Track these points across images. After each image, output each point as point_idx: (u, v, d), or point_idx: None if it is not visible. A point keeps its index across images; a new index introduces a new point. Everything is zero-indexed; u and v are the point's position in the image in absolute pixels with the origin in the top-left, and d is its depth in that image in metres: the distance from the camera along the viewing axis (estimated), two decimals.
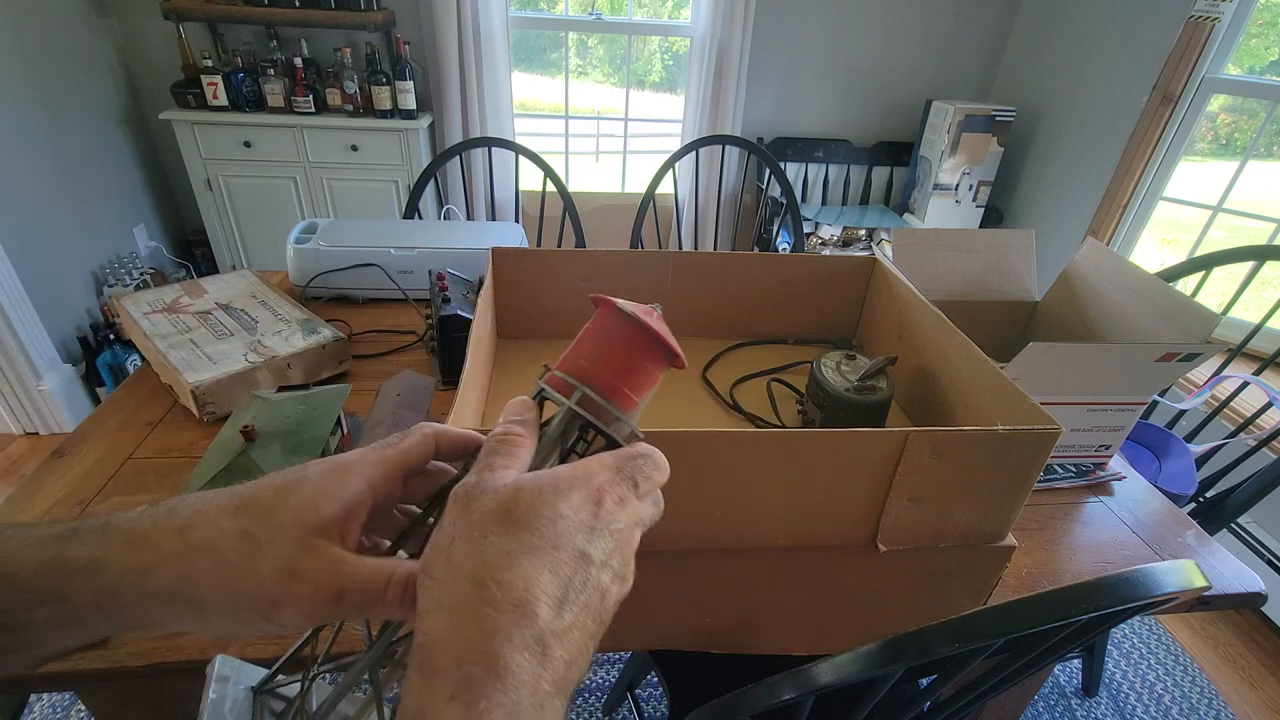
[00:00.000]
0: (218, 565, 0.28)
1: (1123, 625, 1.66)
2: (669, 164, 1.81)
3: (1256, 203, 2.00)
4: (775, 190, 2.69)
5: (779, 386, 0.94)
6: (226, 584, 0.28)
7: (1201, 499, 1.31)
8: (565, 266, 0.95)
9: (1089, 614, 0.48)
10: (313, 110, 2.35)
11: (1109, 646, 1.58)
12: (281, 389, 0.81)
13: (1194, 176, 2.16)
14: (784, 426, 0.87)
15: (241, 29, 2.42)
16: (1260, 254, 1.29)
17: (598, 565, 0.28)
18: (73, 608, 0.27)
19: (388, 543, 0.34)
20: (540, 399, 0.34)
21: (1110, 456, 0.94)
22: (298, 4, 2.27)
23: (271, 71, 2.30)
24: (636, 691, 1.25)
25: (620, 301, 0.33)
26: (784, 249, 2.43)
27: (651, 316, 0.33)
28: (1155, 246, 2.28)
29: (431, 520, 0.34)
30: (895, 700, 0.90)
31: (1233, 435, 1.37)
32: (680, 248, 2.20)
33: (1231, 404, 1.42)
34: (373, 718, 0.32)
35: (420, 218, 1.77)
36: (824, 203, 2.86)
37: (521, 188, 1.92)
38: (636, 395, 0.34)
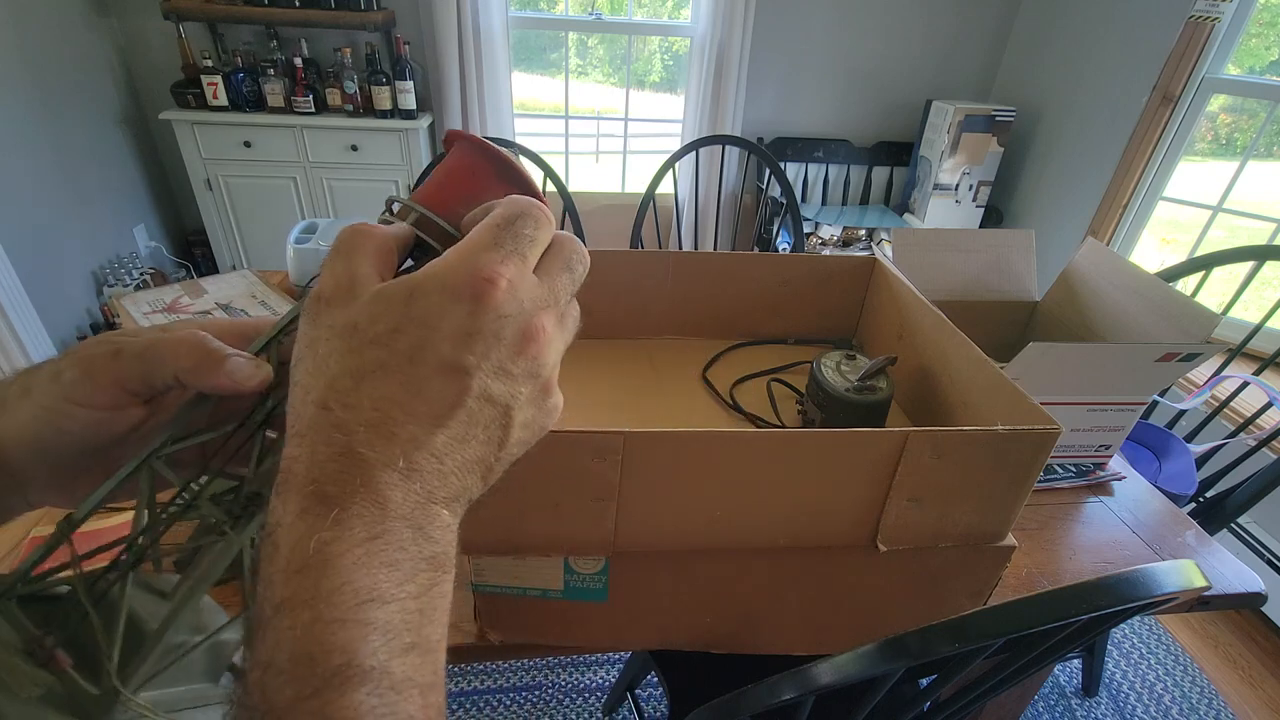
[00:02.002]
0: (18, 380, 0.29)
1: (1123, 625, 1.66)
2: (669, 164, 1.81)
3: (1256, 203, 2.00)
4: (775, 190, 2.69)
5: (779, 386, 0.94)
6: (25, 382, 0.28)
7: (1201, 499, 1.31)
8: None
9: (1089, 614, 0.48)
10: (313, 110, 2.35)
11: (1109, 646, 1.58)
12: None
13: (1194, 176, 2.16)
14: (784, 426, 0.87)
15: (241, 29, 2.42)
16: (1260, 254, 1.29)
17: (481, 374, 0.24)
18: None
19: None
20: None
21: (1110, 456, 0.94)
22: (298, 4, 2.27)
23: (271, 71, 2.30)
24: (636, 691, 1.25)
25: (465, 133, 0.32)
26: (784, 249, 2.43)
27: (498, 148, 0.31)
28: (1155, 246, 2.28)
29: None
30: (895, 700, 0.90)
31: (1233, 435, 1.37)
32: (680, 248, 2.20)
33: (1231, 404, 1.42)
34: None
35: None
36: (824, 203, 2.86)
37: None
38: (460, 204, 0.31)
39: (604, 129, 3.04)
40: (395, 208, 0.31)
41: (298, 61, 2.32)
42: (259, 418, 0.30)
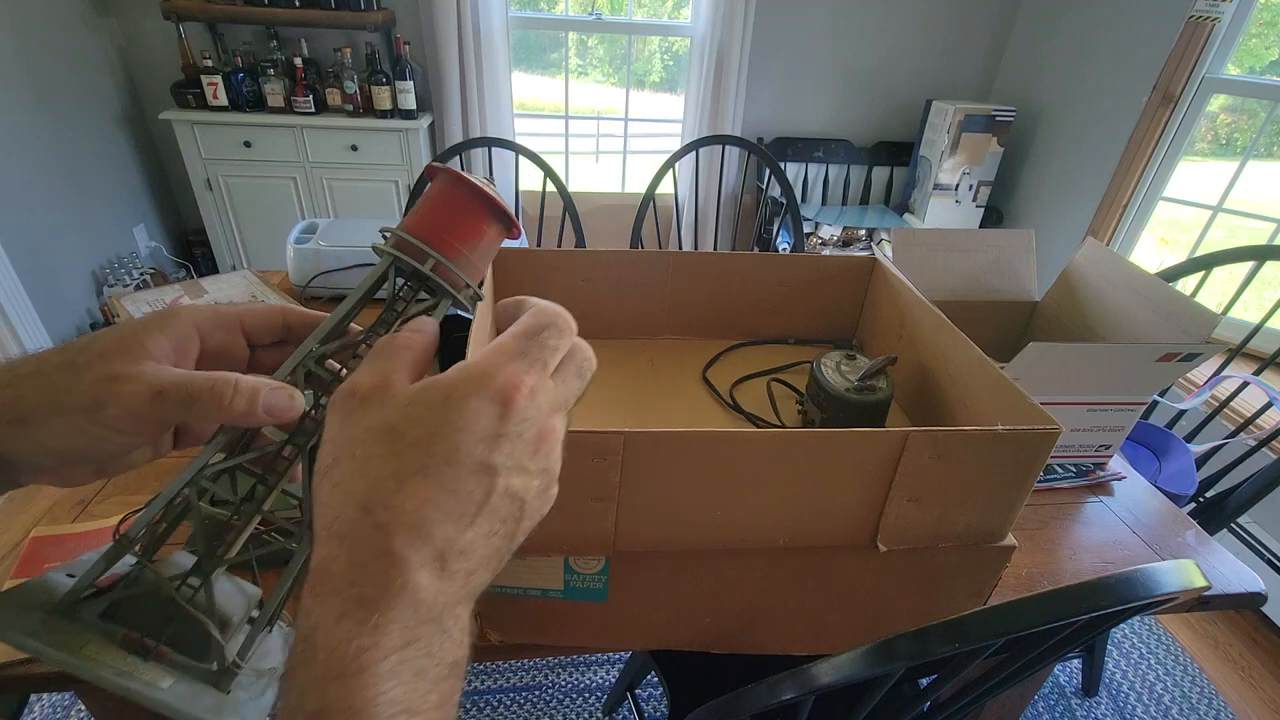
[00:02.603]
0: (41, 384, 0.29)
1: (1123, 625, 1.66)
2: (669, 164, 1.81)
3: (1256, 203, 2.00)
4: (775, 190, 2.69)
5: (779, 386, 0.94)
6: (50, 397, 0.28)
7: (1201, 499, 1.31)
8: (565, 266, 0.95)
9: (1089, 614, 0.48)
10: (313, 110, 2.35)
11: (1109, 646, 1.58)
12: None
13: (1194, 176, 2.16)
14: (784, 426, 0.87)
15: (241, 29, 2.42)
16: (1260, 254, 1.29)
17: (506, 472, 0.26)
18: None
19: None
20: (384, 274, 0.35)
21: (1110, 456, 0.94)
22: (298, 4, 2.27)
23: (271, 71, 2.30)
24: (636, 691, 1.25)
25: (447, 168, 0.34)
26: (784, 249, 2.43)
27: (475, 179, 0.34)
28: (1155, 246, 2.28)
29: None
30: (895, 700, 0.90)
31: (1233, 435, 1.37)
32: (680, 248, 2.20)
33: (1231, 404, 1.42)
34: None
35: None
36: (824, 203, 2.86)
37: (521, 188, 1.92)
38: (459, 243, 0.34)
39: (604, 129, 3.04)
40: (393, 241, 0.33)
41: (298, 61, 2.32)
42: (301, 441, 0.33)
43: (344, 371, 0.35)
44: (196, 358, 0.33)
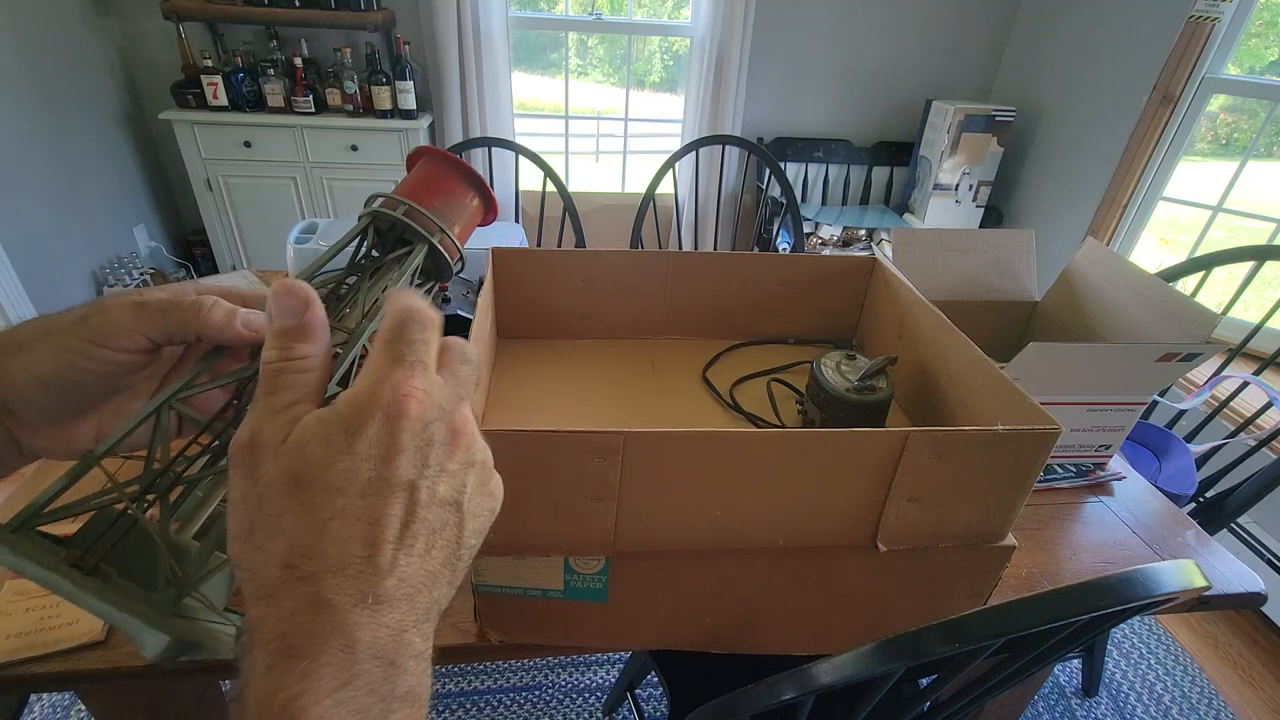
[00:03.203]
0: (36, 321, 0.30)
1: (1123, 625, 1.66)
2: (669, 164, 1.81)
3: (1256, 203, 2.00)
4: (775, 190, 2.69)
5: (779, 386, 0.94)
6: (41, 325, 0.30)
7: (1201, 499, 1.31)
8: (565, 266, 0.95)
9: (1089, 614, 0.48)
10: (313, 110, 2.35)
11: (1109, 646, 1.58)
12: None
13: (1194, 176, 2.16)
14: (784, 426, 0.87)
15: (241, 29, 2.42)
16: (1260, 254, 1.29)
17: (426, 483, 0.25)
18: None
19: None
20: (364, 229, 0.37)
21: (1110, 456, 0.94)
22: (298, 4, 2.27)
23: (271, 71, 2.30)
24: (636, 691, 1.25)
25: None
26: (784, 249, 2.43)
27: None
28: (1155, 246, 2.28)
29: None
30: (895, 700, 0.90)
31: (1233, 435, 1.37)
32: (680, 248, 2.20)
33: (1231, 404, 1.42)
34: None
35: None
36: (824, 203, 2.86)
37: (521, 188, 1.92)
38: (431, 196, 0.38)
39: (604, 129, 3.04)
40: (378, 203, 0.36)
41: (298, 61, 2.32)
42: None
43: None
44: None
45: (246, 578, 0.24)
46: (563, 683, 1.45)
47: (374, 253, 0.37)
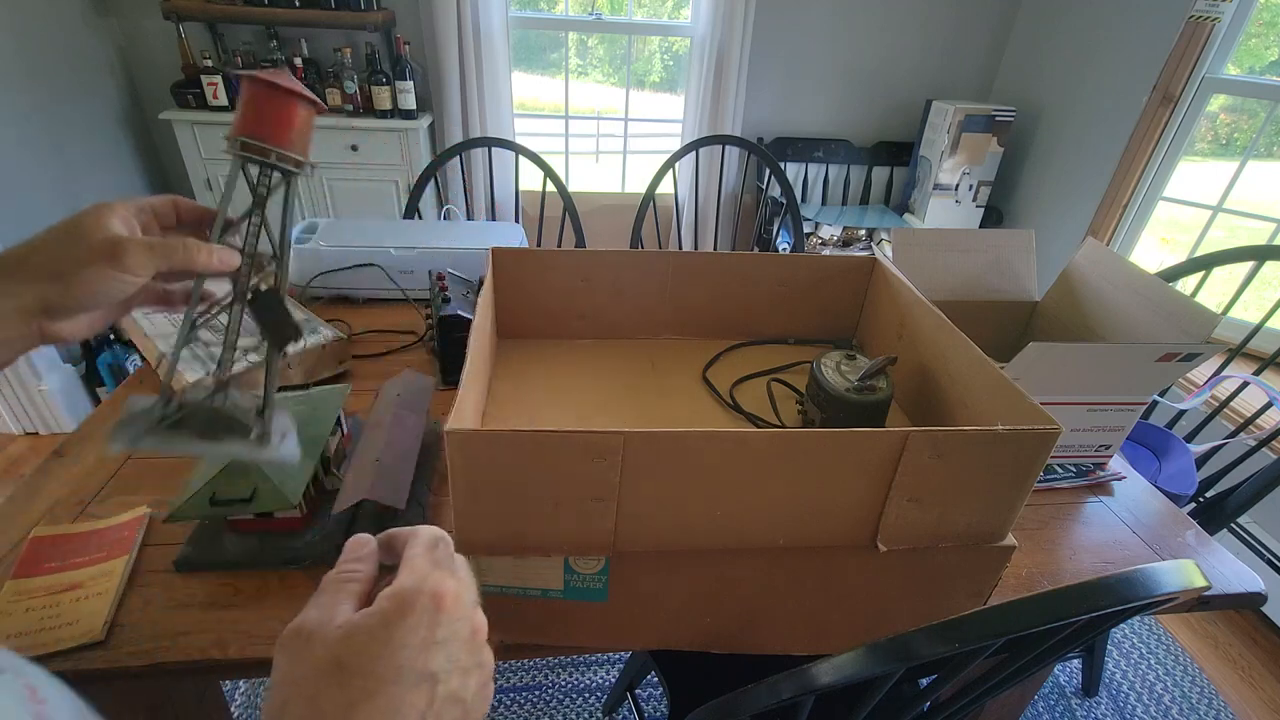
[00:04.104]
0: (56, 248, 0.43)
1: (1123, 625, 1.66)
2: (669, 164, 1.81)
3: (1256, 203, 2.00)
4: (775, 190, 2.69)
5: (779, 386, 0.94)
6: (69, 254, 0.43)
7: (1201, 499, 1.31)
8: (565, 266, 0.95)
9: (1089, 614, 0.48)
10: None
11: (1109, 646, 1.58)
12: (281, 389, 0.81)
13: (1194, 176, 2.16)
14: (784, 426, 0.87)
15: (241, 29, 2.42)
16: (1260, 254, 1.29)
17: (446, 676, 0.28)
18: None
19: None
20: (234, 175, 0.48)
21: (1110, 456, 0.94)
22: (298, 4, 2.27)
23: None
24: (636, 691, 1.25)
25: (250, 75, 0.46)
26: (784, 249, 2.43)
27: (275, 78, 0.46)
28: (1155, 246, 2.28)
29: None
30: (895, 700, 0.90)
31: (1233, 435, 1.37)
32: (680, 248, 2.20)
33: (1231, 404, 1.42)
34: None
35: (420, 218, 1.77)
36: (824, 203, 2.86)
37: (521, 188, 1.92)
38: (287, 132, 0.48)
39: (604, 129, 3.04)
40: (226, 146, 0.47)
41: (298, 61, 2.32)
42: (241, 288, 0.51)
43: (247, 243, 0.50)
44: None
45: None
46: (563, 683, 1.45)
47: (257, 188, 0.50)
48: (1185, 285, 1.46)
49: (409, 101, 2.38)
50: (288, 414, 0.53)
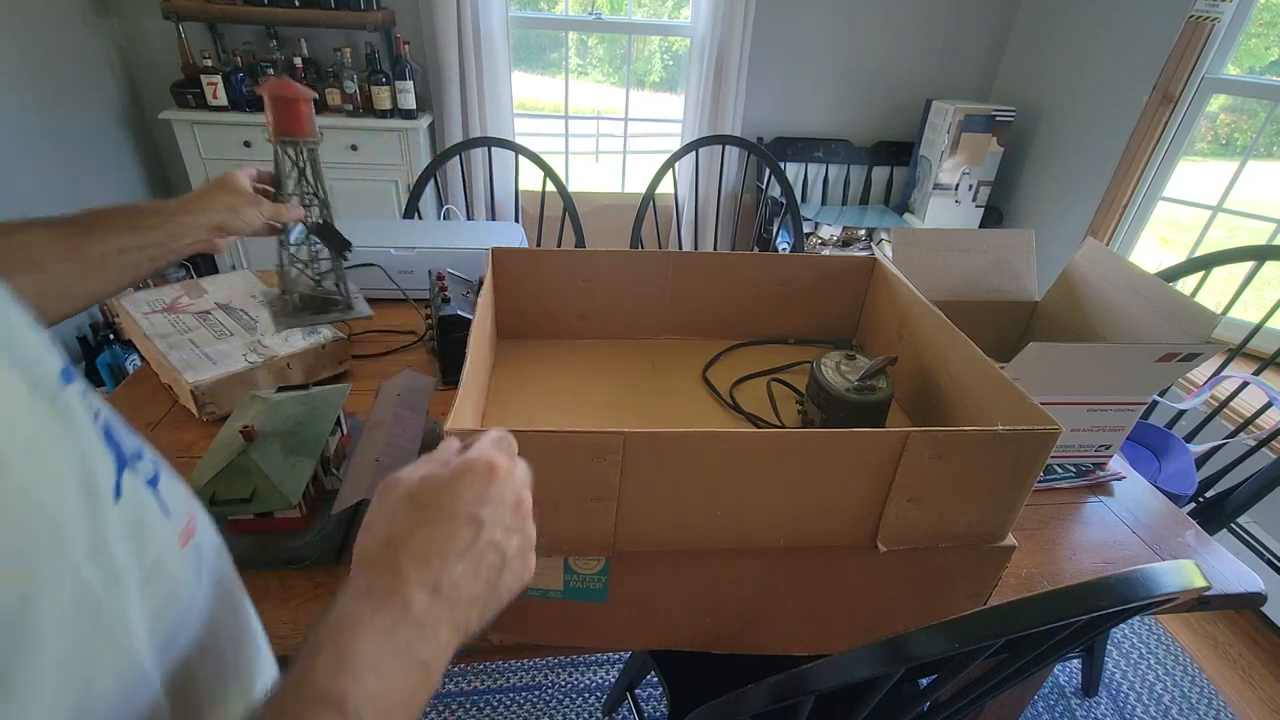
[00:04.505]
0: (193, 197, 0.72)
1: (1123, 625, 1.66)
2: (669, 164, 1.81)
3: (1256, 203, 2.00)
4: (775, 190, 2.69)
5: (779, 386, 0.94)
6: (204, 196, 0.73)
7: (1201, 499, 1.31)
8: (565, 267, 0.95)
9: (1089, 614, 0.48)
10: (312, 110, 2.34)
11: (1109, 646, 1.58)
12: (281, 389, 0.81)
13: (1194, 176, 2.16)
14: (784, 426, 0.87)
15: (241, 29, 2.42)
16: (1260, 254, 1.29)
17: (490, 525, 0.36)
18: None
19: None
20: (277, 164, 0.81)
21: (1110, 456, 0.94)
22: (298, 4, 2.26)
23: (271, 71, 2.30)
24: (636, 691, 1.25)
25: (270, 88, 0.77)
26: (784, 249, 2.43)
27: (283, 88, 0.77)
28: (1155, 246, 2.28)
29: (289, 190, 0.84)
30: (895, 700, 0.90)
31: (1233, 435, 1.37)
32: (680, 248, 2.20)
33: (1231, 404, 1.42)
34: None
35: (420, 218, 1.77)
36: (824, 203, 2.86)
37: (521, 188, 1.92)
38: (306, 125, 0.80)
39: (604, 129, 3.04)
40: (275, 149, 0.80)
41: (298, 61, 2.32)
42: (309, 221, 0.89)
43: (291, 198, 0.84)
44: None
45: (359, 553, 0.35)
46: (563, 683, 1.45)
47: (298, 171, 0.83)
48: (1185, 285, 1.46)
49: (409, 101, 2.38)
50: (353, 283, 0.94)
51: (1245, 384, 1.30)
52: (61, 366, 0.27)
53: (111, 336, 2.16)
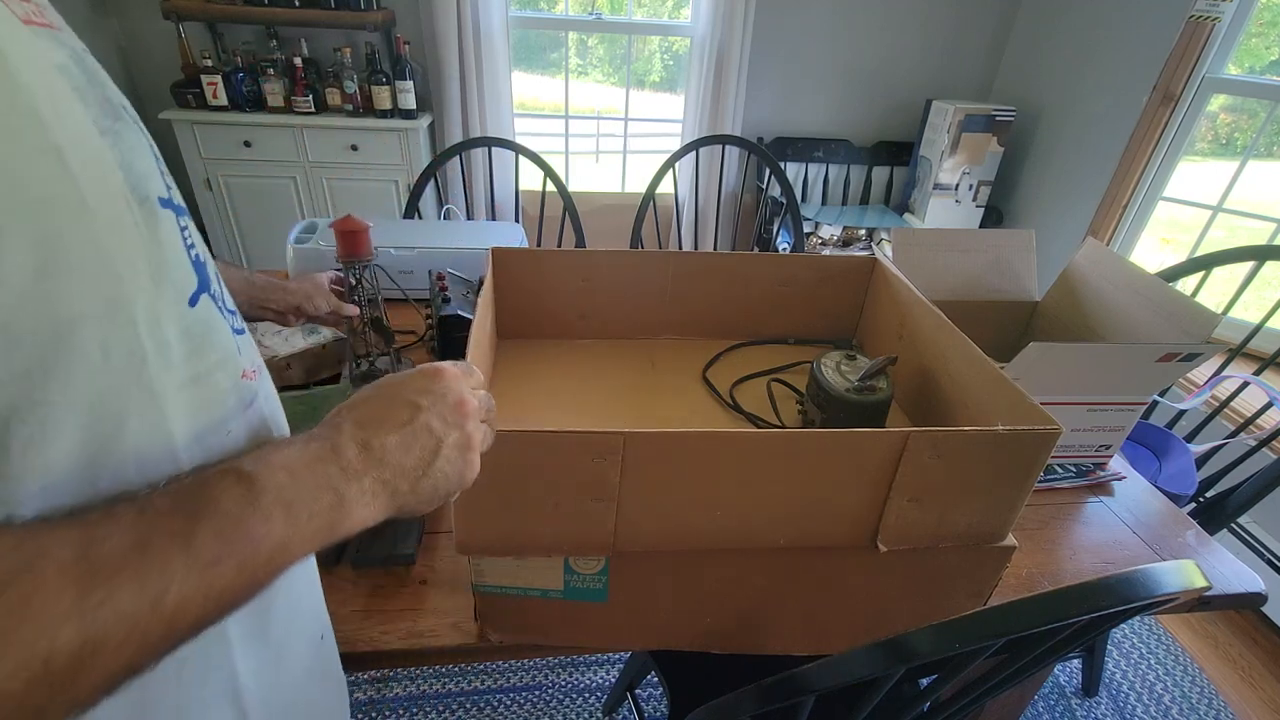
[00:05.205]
0: (268, 284, 0.90)
1: (1123, 625, 1.66)
2: (669, 164, 1.81)
3: (1256, 203, 2.00)
4: (775, 190, 2.69)
5: (779, 386, 0.94)
6: (279, 287, 0.90)
7: (1201, 499, 1.31)
8: (565, 267, 0.95)
9: (1089, 614, 0.48)
10: (313, 110, 2.34)
11: (1109, 646, 1.58)
12: (281, 389, 0.81)
13: (1194, 176, 2.16)
14: (784, 426, 0.87)
15: (241, 29, 2.42)
16: (1260, 254, 1.29)
17: (427, 412, 0.41)
18: None
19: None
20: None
21: (1110, 456, 0.94)
22: (298, 4, 2.26)
23: (271, 71, 2.30)
24: (636, 691, 1.25)
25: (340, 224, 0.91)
26: (784, 249, 2.43)
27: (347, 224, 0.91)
28: (1155, 246, 2.28)
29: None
30: (895, 700, 0.90)
31: (1233, 435, 1.37)
32: (680, 248, 2.20)
33: (1231, 404, 1.42)
34: None
35: (420, 218, 1.77)
36: (824, 203, 2.86)
37: (521, 188, 1.92)
38: (367, 249, 0.93)
39: (604, 129, 3.04)
40: (349, 272, 0.97)
41: (298, 61, 2.32)
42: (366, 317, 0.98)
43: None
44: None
45: (329, 417, 0.40)
46: (563, 683, 1.45)
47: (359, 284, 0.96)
48: (1185, 285, 1.46)
49: (409, 101, 2.38)
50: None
51: (1245, 384, 1.30)
52: (163, 196, 0.35)
53: None
